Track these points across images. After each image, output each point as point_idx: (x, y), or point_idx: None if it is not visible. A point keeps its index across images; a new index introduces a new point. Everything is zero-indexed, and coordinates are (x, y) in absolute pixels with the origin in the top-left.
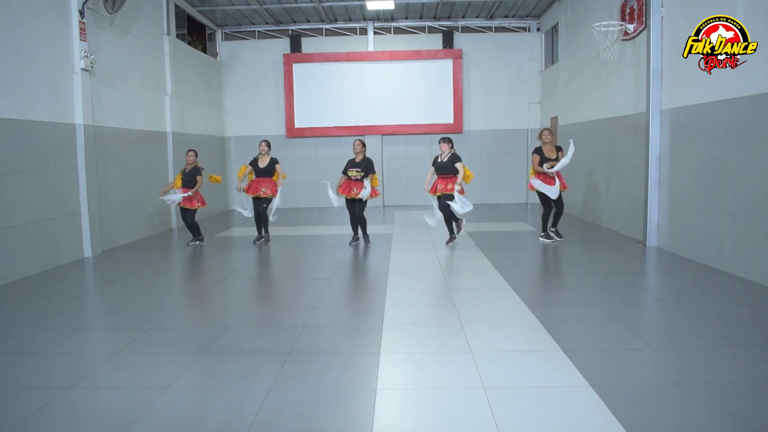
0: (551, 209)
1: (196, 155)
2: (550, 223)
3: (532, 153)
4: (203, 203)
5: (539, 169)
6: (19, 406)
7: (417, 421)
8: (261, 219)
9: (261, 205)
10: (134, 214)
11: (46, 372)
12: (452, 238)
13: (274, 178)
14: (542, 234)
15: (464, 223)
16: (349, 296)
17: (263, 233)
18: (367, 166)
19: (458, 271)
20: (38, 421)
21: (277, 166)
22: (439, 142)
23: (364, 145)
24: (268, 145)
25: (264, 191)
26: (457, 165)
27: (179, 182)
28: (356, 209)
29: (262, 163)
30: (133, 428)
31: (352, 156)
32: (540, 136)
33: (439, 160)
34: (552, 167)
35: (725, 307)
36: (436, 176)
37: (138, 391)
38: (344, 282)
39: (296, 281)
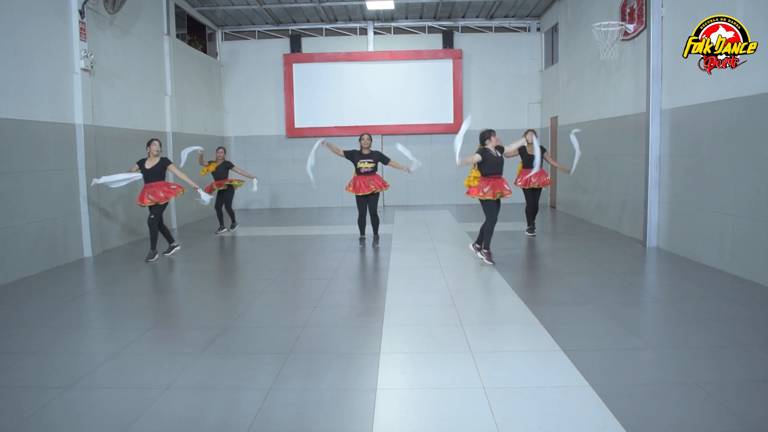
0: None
1: (225, 152)
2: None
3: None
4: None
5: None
6: (19, 406)
7: (417, 421)
8: (152, 228)
9: (150, 214)
10: (134, 214)
11: (45, 372)
12: (480, 249)
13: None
14: (528, 228)
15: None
16: (349, 296)
17: (155, 247)
18: (380, 156)
19: (458, 271)
20: (38, 421)
21: (171, 167)
22: (489, 138)
23: (371, 139)
24: (160, 144)
25: (150, 198)
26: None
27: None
28: (371, 206)
29: (150, 164)
30: (133, 428)
31: (357, 148)
32: (525, 135)
33: (494, 154)
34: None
35: (725, 307)
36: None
37: (138, 391)
38: (344, 282)
39: (296, 281)
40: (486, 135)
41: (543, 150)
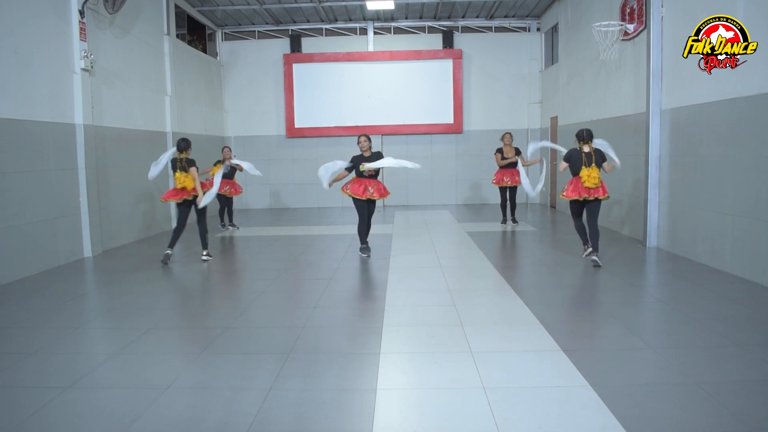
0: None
1: (231, 150)
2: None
3: (495, 152)
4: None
5: (503, 163)
6: (19, 406)
7: (417, 421)
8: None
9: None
10: (134, 214)
11: (45, 372)
12: (589, 251)
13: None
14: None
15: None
16: (349, 296)
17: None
18: (380, 157)
19: (458, 271)
20: (38, 421)
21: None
22: (587, 141)
23: (370, 140)
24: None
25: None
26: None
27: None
28: (371, 211)
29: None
30: (133, 428)
31: (358, 153)
32: (502, 138)
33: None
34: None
35: (725, 307)
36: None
37: (138, 391)
38: (344, 282)
39: (296, 281)
40: (588, 136)
41: (518, 152)
